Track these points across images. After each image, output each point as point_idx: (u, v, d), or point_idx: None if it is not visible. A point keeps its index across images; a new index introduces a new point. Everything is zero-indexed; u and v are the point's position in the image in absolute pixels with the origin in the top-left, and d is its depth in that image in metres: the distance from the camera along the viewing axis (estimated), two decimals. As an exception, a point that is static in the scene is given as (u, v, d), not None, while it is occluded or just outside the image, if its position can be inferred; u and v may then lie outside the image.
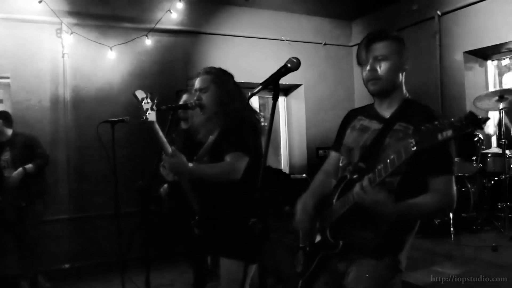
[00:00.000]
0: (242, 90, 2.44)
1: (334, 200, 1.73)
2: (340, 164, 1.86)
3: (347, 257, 1.73)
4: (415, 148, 1.32)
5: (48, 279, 4.37)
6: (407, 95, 1.80)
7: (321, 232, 1.75)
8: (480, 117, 1.17)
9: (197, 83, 2.40)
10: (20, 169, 4.13)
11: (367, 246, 1.68)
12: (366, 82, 1.76)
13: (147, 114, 2.15)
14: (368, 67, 1.72)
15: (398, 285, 1.71)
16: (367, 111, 1.86)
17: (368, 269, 1.67)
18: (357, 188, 1.55)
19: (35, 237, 4.26)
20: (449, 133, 1.20)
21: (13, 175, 4.10)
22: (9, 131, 4.28)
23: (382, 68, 1.70)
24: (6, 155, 4.22)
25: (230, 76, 2.44)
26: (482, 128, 1.20)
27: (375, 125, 1.77)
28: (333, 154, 1.97)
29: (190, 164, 2.20)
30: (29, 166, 4.17)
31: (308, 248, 1.81)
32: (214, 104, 2.33)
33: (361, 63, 1.77)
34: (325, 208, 1.78)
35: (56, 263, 4.84)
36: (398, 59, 1.72)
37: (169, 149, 2.20)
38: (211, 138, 2.39)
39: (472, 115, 1.17)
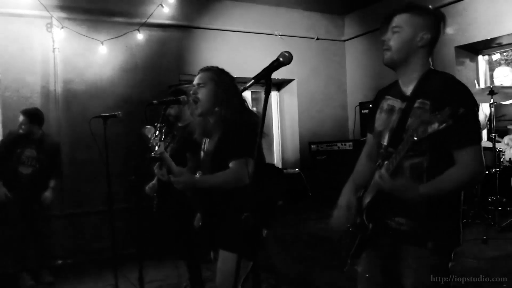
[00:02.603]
0: (241, 92, 2.43)
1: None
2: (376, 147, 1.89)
3: (384, 238, 1.76)
4: (414, 138, 1.46)
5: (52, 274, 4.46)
6: (429, 66, 1.75)
7: (360, 215, 1.80)
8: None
9: (196, 79, 2.41)
10: (50, 190, 4.32)
11: (403, 231, 1.70)
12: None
13: (156, 149, 2.20)
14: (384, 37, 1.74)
15: (447, 270, 1.71)
16: (393, 88, 1.85)
17: (413, 256, 1.69)
18: (376, 176, 1.62)
19: (46, 232, 4.46)
20: (436, 126, 1.38)
21: (47, 196, 4.29)
22: (38, 130, 4.28)
23: (393, 38, 1.71)
24: (31, 153, 4.24)
25: (230, 77, 2.44)
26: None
27: (399, 104, 1.77)
28: (369, 136, 1.99)
29: (196, 175, 2.28)
30: (53, 184, 4.36)
31: (351, 229, 1.87)
32: (208, 100, 2.34)
33: (382, 35, 1.78)
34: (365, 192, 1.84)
35: (49, 259, 4.81)
36: (413, 32, 1.69)
37: (176, 169, 2.22)
38: (211, 143, 2.38)
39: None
